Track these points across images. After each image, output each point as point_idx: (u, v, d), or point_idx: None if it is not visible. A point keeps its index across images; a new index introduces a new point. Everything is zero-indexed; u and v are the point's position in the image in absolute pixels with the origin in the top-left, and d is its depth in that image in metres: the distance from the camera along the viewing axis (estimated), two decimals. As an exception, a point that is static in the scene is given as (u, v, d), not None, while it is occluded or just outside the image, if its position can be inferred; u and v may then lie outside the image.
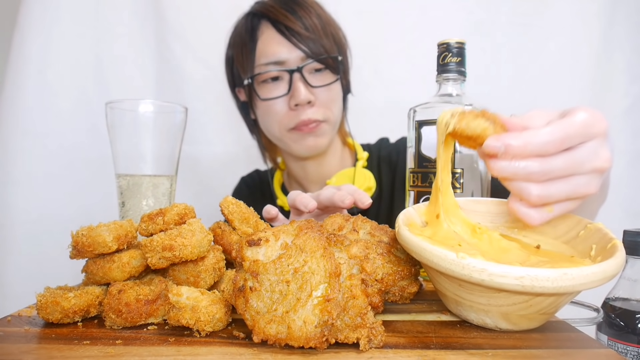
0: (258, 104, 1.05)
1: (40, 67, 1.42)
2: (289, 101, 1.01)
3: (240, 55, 1.05)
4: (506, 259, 0.46)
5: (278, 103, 1.01)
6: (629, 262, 0.60)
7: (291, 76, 0.99)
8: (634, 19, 1.46)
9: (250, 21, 1.05)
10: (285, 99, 1.01)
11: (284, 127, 1.03)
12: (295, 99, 0.99)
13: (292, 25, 0.99)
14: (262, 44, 1.02)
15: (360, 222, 0.55)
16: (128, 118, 0.72)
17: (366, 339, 0.39)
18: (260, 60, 1.01)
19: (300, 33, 0.99)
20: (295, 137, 1.04)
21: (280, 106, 1.01)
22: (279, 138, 1.06)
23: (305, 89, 0.99)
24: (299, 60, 1.00)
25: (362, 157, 1.15)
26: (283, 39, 0.99)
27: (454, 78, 0.68)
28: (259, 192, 1.26)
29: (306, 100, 0.99)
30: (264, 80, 1.01)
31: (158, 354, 0.38)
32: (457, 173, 0.65)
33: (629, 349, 0.57)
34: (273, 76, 1.01)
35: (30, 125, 1.42)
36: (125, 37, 1.50)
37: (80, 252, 0.48)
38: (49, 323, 0.46)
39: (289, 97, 1.00)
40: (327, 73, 1.03)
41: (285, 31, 0.99)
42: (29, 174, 1.42)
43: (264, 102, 1.02)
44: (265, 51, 1.01)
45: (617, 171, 1.48)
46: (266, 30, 1.02)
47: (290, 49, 0.99)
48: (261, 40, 1.02)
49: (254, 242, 0.42)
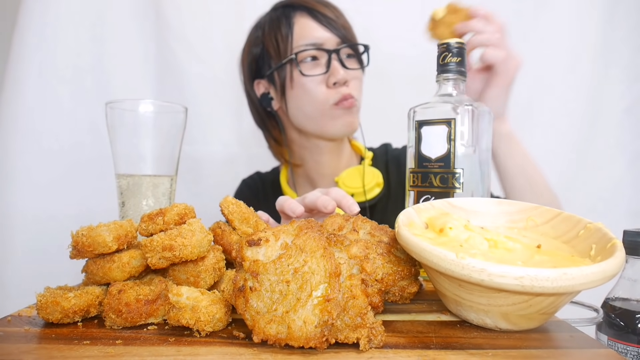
0: (295, 84, 1.07)
1: (40, 67, 1.42)
2: (327, 79, 1.06)
3: (274, 42, 1.09)
4: (510, 258, 0.46)
5: (316, 82, 1.06)
6: (629, 262, 0.60)
7: (330, 56, 1.05)
8: (634, 19, 1.46)
9: (283, 12, 1.10)
10: (322, 78, 1.06)
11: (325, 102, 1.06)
12: (335, 77, 1.04)
13: (328, 13, 1.07)
14: (299, 28, 1.07)
15: (360, 222, 0.55)
16: (128, 118, 0.72)
17: (366, 339, 0.39)
18: (298, 42, 1.06)
19: (335, 20, 1.07)
20: (335, 114, 1.07)
21: (318, 85, 1.06)
22: (315, 117, 1.09)
23: (342, 69, 1.05)
24: (335, 44, 1.06)
25: (368, 156, 1.16)
26: (319, 25, 1.06)
27: (454, 78, 0.68)
28: (261, 194, 1.26)
29: (344, 80, 1.05)
30: (302, 60, 1.06)
31: (158, 354, 0.38)
32: (457, 173, 0.65)
33: (629, 349, 0.57)
34: (312, 55, 1.06)
35: (30, 125, 1.42)
36: (125, 37, 1.50)
37: (80, 252, 0.48)
38: (49, 323, 0.46)
39: (328, 75, 1.06)
40: (355, 62, 1.11)
41: (321, 17, 1.07)
42: (29, 174, 1.42)
43: (301, 82, 1.06)
44: (303, 34, 1.06)
45: (617, 171, 1.49)
46: (302, 18, 1.08)
47: (328, 33, 1.06)
48: (298, 25, 1.07)
49: (254, 242, 0.42)
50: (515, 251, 0.47)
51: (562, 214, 0.53)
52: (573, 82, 1.49)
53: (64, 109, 1.46)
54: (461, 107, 0.65)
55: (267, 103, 1.16)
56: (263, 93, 1.16)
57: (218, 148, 1.56)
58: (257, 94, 1.18)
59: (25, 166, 1.41)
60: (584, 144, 1.50)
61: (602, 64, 1.48)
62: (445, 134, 0.65)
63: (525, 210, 0.56)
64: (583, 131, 1.50)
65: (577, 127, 1.50)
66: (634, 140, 1.48)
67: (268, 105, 1.16)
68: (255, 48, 1.14)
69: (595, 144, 1.50)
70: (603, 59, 1.48)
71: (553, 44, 1.49)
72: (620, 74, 1.48)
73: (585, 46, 1.48)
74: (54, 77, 1.44)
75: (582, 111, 1.50)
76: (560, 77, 1.50)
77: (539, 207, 0.56)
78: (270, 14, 1.13)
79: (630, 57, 1.47)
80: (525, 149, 0.95)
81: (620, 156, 1.49)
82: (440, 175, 0.66)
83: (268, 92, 1.15)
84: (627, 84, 1.48)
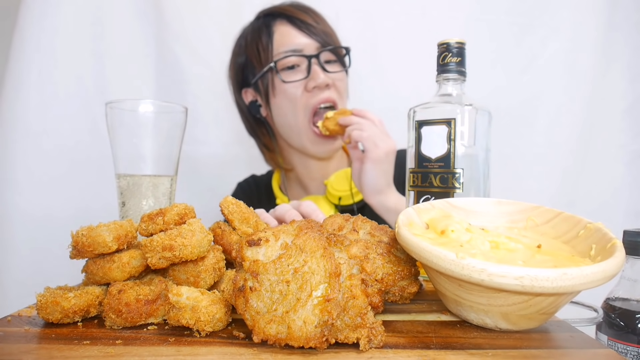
0: (277, 92, 1.09)
1: (40, 67, 1.42)
2: (307, 84, 1.07)
3: (255, 51, 1.11)
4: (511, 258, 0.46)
5: (297, 87, 1.07)
6: (629, 262, 0.60)
7: (309, 62, 1.06)
8: (633, 19, 1.46)
9: (263, 21, 1.12)
10: (303, 83, 1.07)
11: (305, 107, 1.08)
12: (315, 81, 1.06)
13: (307, 19, 1.08)
14: (279, 36, 1.08)
15: (360, 222, 0.55)
16: (128, 118, 0.72)
17: (366, 339, 0.39)
18: (278, 49, 1.08)
19: (314, 26, 1.08)
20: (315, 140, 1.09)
21: (298, 90, 1.07)
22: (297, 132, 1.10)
23: (323, 73, 1.06)
24: (314, 50, 1.07)
25: None
26: (299, 31, 1.07)
27: (454, 78, 0.68)
28: (255, 197, 1.27)
29: (324, 83, 1.06)
30: (282, 68, 1.07)
31: (158, 354, 0.38)
32: (457, 173, 0.65)
33: (629, 349, 0.57)
34: (292, 63, 1.07)
35: (30, 125, 1.42)
36: (125, 37, 1.50)
37: (80, 252, 0.48)
38: (49, 323, 0.46)
39: (308, 80, 1.07)
40: (337, 65, 1.11)
41: (300, 24, 1.08)
42: (29, 174, 1.42)
43: (282, 88, 1.07)
44: (282, 42, 1.08)
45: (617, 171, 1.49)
46: (281, 26, 1.09)
47: (307, 38, 1.07)
48: (278, 33, 1.09)
49: (254, 242, 0.42)
50: (517, 251, 0.47)
51: (562, 214, 0.53)
52: (573, 82, 1.49)
53: (64, 109, 1.46)
54: (461, 107, 0.65)
55: (256, 110, 1.18)
56: (251, 101, 1.18)
57: (218, 148, 1.56)
58: (245, 102, 1.20)
59: (25, 166, 1.41)
60: (584, 143, 1.50)
61: (602, 64, 1.48)
62: (445, 134, 0.65)
63: (525, 210, 0.56)
64: (583, 131, 1.50)
65: (577, 127, 1.50)
66: (634, 140, 1.48)
67: (257, 112, 1.18)
68: (239, 58, 1.16)
69: (595, 144, 1.50)
70: (603, 59, 1.48)
71: (553, 44, 1.49)
72: (620, 74, 1.48)
73: (585, 46, 1.48)
74: (54, 77, 1.44)
75: (582, 111, 1.50)
76: (559, 76, 1.50)
77: (539, 207, 0.56)
78: (253, 23, 1.15)
79: (630, 57, 1.47)
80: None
81: (620, 156, 1.49)
82: (440, 175, 0.66)
83: (256, 100, 1.17)
84: (627, 84, 1.48)
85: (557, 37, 1.49)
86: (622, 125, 1.49)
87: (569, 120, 1.50)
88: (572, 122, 1.50)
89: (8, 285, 1.40)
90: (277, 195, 1.21)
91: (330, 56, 1.10)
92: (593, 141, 1.50)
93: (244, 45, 1.14)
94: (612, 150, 1.49)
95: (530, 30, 1.50)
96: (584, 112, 1.50)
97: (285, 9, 1.11)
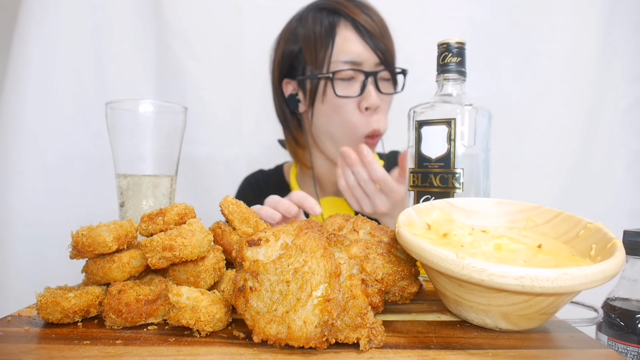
0: (327, 100, 1.05)
1: (40, 67, 1.42)
2: (359, 103, 1.03)
3: (312, 48, 1.05)
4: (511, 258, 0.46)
5: (349, 103, 1.04)
6: (629, 262, 0.60)
7: (366, 79, 1.02)
8: (634, 19, 1.46)
9: (327, 16, 1.05)
10: (355, 100, 1.04)
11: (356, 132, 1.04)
12: (367, 102, 1.02)
13: (370, 28, 1.03)
14: (341, 41, 1.03)
15: (360, 222, 0.55)
16: (128, 118, 0.72)
17: (366, 339, 0.39)
18: (337, 57, 1.03)
19: (377, 36, 1.03)
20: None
21: (350, 107, 1.04)
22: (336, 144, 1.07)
23: (375, 93, 1.03)
24: (373, 64, 1.03)
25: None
26: (361, 39, 1.03)
27: (454, 78, 0.68)
28: (263, 192, 1.25)
29: (376, 105, 1.03)
30: (337, 78, 1.03)
31: (158, 354, 0.38)
32: (457, 173, 0.65)
33: (629, 349, 0.57)
34: (348, 76, 1.03)
35: (30, 126, 1.42)
36: (125, 37, 1.50)
37: (80, 252, 0.48)
38: (49, 323, 0.46)
39: (360, 99, 1.03)
40: (390, 84, 1.08)
41: (364, 32, 1.03)
42: (29, 174, 1.42)
43: (335, 99, 1.03)
44: (343, 48, 1.03)
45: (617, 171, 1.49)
46: (344, 28, 1.04)
47: (368, 51, 1.03)
48: (340, 38, 1.03)
49: (254, 242, 0.42)
50: (519, 252, 0.47)
51: (562, 214, 0.53)
52: (573, 82, 1.49)
53: (64, 109, 1.46)
54: (461, 107, 0.65)
55: (295, 105, 1.12)
56: (291, 94, 1.12)
57: (218, 148, 1.56)
58: (284, 93, 1.14)
59: (25, 166, 1.41)
60: (585, 143, 1.50)
61: (602, 64, 1.48)
62: (445, 134, 0.65)
63: (526, 210, 0.56)
64: (583, 131, 1.50)
65: (577, 127, 1.50)
66: (634, 140, 1.48)
67: (295, 107, 1.12)
68: (292, 45, 1.09)
69: (596, 144, 1.50)
70: (603, 59, 1.48)
71: (553, 44, 1.49)
72: (620, 74, 1.48)
73: (585, 46, 1.48)
74: (54, 77, 1.44)
75: (583, 111, 1.50)
76: (560, 77, 1.50)
77: (539, 207, 0.56)
78: (315, 13, 1.07)
79: (630, 57, 1.47)
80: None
81: (621, 156, 1.49)
82: (440, 175, 0.66)
83: (296, 94, 1.12)
84: (627, 84, 1.48)
85: (558, 37, 1.49)
86: (622, 125, 1.49)
87: (569, 120, 1.50)
88: (573, 122, 1.50)
89: (8, 285, 1.40)
90: (294, 187, 1.18)
91: (386, 74, 1.06)
92: (594, 141, 1.50)
93: (302, 34, 1.07)
94: (612, 150, 1.49)
95: (531, 30, 1.50)
96: (584, 112, 1.50)
97: (351, 9, 1.04)
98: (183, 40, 1.51)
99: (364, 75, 1.02)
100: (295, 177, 1.22)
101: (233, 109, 1.57)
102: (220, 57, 1.53)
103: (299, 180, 1.22)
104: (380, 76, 1.04)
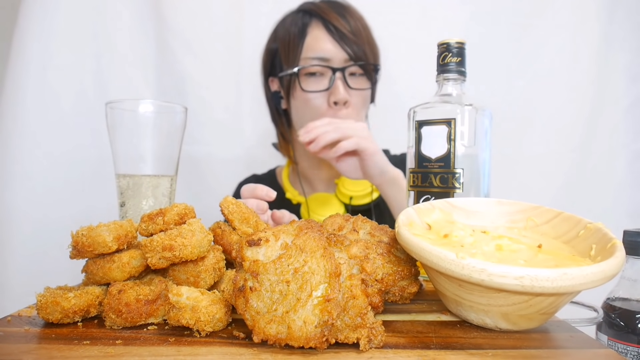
0: (297, 95, 1.09)
1: (40, 68, 1.42)
2: (328, 97, 1.07)
3: (286, 47, 1.10)
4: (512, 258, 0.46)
5: (317, 97, 1.07)
6: (629, 262, 0.60)
7: (333, 74, 1.05)
8: (634, 19, 1.46)
9: (301, 18, 1.11)
10: (324, 94, 1.07)
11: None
12: (335, 96, 1.05)
13: (341, 27, 1.07)
14: (310, 39, 1.08)
15: (360, 222, 0.55)
16: (128, 118, 0.72)
17: (366, 339, 0.39)
18: (307, 53, 1.07)
19: (347, 35, 1.06)
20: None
21: (319, 101, 1.07)
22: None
23: (344, 88, 1.06)
24: (342, 61, 1.06)
25: None
26: (331, 38, 1.06)
27: (454, 78, 0.68)
28: None
29: (344, 100, 1.05)
30: (307, 73, 1.07)
31: (158, 354, 0.38)
32: (457, 173, 0.65)
33: (629, 349, 0.57)
34: (316, 71, 1.07)
35: (30, 126, 1.41)
36: (125, 37, 1.50)
37: (80, 252, 0.48)
38: (49, 323, 0.46)
39: (329, 93, 1.06)
40: (363, 79, 1.10)
41: (334, 31, 1.06)
42: (29, 174, 1.41)
43: (303, 94, 1.07)
44: (312, 46, 1.07)
45: (617, 171, 1.49)
46: (316, 28, 1.08)
47: (337, 48, 1.06)
48: (310, 36, 1.08)
49: (254, 242, 0.42)
50: (519, 252, 0.48)
51: (562, 214, 0.53)
52: (573, 82, 1.49)
53: (64, 109, 1.46)
54: (461, 107, 0.65)
55: (277, 101, 1.18)
56: (275, 91, 1.18)
57: (218, 148, 1.56)
58: (270, 90, 1.20)
59: (25, 166, 1.41)
60: (584, 143, 1.50)
61: (602, 64, 1.48)
62: (445, 134, 0.65)
63: (526, 210, 0.56)
64: (583, 131, 1.50)
65: (577, 127, 1.50)
66: (634, 140, 1.48)
67: (278, 103, 1.18)
68: (273, 44, 1.16)
69: (596, 144, 1.50)
70: (603, 59, 1.48)
71: (553, 44, 1.49)
72: (620, 73, 1.48)
73: (585, 46, 1.48)
74: (54, 77, 1.44)
75: (583, 111, 1.50)
76: (560, 77, 1.50)
77: (539, 207, 0.56)
78: (294, 15, 1.13)
79: (631, 57, 1.47)
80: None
81: (621, 156, 1.49)
82: (440, 175, 0.66)
83: (279, 91, 1.17)
84: (627, 84, 1.48)
85: (558, 37, 1.49)
86: (622, 125, 1.49)
87: (569, 120, 1.50)
88: (573, 121, 1.50)
89: (8, 285, 1.40)
90: (287, 189, 1.20)
91: (357, 69, 1.08)
92: (594, 141, 1.50)
93: (280, 34, 1.13)
94: (612, 150, 1.49)
95: (531, 30, 1.50)
96: (584, 111, 1.50)
97: (324, 11, 1.09)
98: (183, 40, 1.52)
99: (331, 71, 1.05)
100: (288, 179, 1.24)
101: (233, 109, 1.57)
102: (221, 57, 1.54)
103: (291, 181, 1.24)
104: (349, 71, 1.07)
